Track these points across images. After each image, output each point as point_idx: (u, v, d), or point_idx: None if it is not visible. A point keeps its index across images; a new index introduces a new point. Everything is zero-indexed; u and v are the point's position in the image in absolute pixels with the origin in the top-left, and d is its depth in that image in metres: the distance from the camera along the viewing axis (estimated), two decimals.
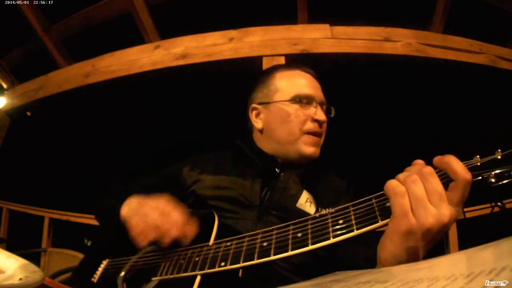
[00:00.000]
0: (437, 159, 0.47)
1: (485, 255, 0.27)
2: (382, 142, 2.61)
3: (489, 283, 0.20)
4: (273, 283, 0.64)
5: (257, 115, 0.90)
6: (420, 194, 0.42)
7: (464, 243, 1.97)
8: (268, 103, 0.87)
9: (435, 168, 0.46)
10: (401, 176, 0.46)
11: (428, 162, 0.49)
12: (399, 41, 1.97)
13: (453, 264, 0.28)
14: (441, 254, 0.37)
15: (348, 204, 0.51)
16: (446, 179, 0.45)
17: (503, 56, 2.00)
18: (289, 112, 0.83)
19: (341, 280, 0.37)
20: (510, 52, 2.04)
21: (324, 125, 0.85)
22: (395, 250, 0.44)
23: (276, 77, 0.89)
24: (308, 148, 0.82)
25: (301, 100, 0.84)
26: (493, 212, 0.47)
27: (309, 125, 0.82)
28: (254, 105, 0.91)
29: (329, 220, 0.50)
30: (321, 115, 0.83)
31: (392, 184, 0.45)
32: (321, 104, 0.86)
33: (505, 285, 0.19)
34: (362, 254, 0.59)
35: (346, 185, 0.87)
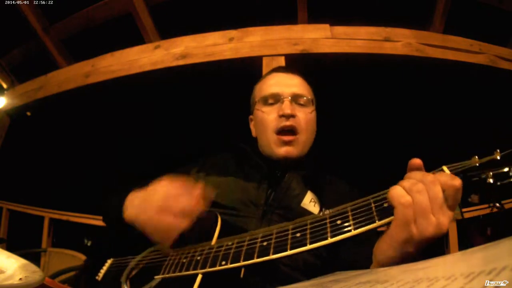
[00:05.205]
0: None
1: (485, 255, 0.27)
2: (382, 142, 2.61)
3: (489, 283, 0.20)
4: (275, 283, 0.64)
5: (252, 124, 0.95)
6: (425, 205, 0.42)
7: (464, 243, 1.97)
8: (252, 112, 0.93)
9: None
10: (406, 184, 0.45)
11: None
12: (399, 41, 1.97)
13: (452, 264, 0.28)
14: (441, 254, 0.37)
15: (346, 205, 0.52)
16: None
17: (503, 56, 2.00)
18: (261, 116, 0.85)
19: (341, 280, 0.37)
20: (510, 52, 2.03)
21: (297, 119, 0.81)
22: (392, 253, 0.45)
23: (256, 86, 0.94)
24: (279, 149, 0.81)
25: (267, 100, 0.85)
26: (492, 212, 0.47)
27: (277, 123, 0.81)
28: (250, 116, 0.96)
29: (328, 221, 0.51)
30: (285, 109, 0.79)
31: (398, 193, 0.44)
32: (293, 97, 0.82)
33: (505, 285, 0.19)
34: (364, 254, 0.59)
35: (350, 187, 0.87)
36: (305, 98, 0.85)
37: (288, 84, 0.86)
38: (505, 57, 2.00)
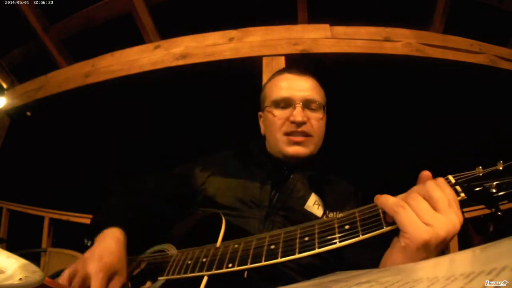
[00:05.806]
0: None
1: (485, 255, 0.27)
2: (382, 142, 2.61)
3: (489, 283, 0.20)
4: (278, 284, 0.64)
5: (261, 121, 0.95)
6: (423, 206, 0.43)
7: (464, 243, 1.97)
8: (262, 110, 0.93)
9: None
10: (399, 196, 0.47)
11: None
12: (399, 41, 1.97)
13: (453, 264, 0.28)
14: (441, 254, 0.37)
15: (354, 210, 0.52)
16: None
17: (503, 56, 2.00)
18: (271, 118, 0.86)
19: (341, 280, 0.37)
20: (510, 52, 2.03)
21: (308, 125, 0.82)
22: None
23: (267, 84, 0.94)
24: (289, 147, 0.82)
25: (279, 104, 0.85)
26: (492, 212, 0.48)
27: (287, 127, 0.82)
28: (260, 112, 0.96)
29: (336, 225, 0.51)
30: (297, 116, 0.80)
31: (390, 202, 0.45)
32: (304, 103, 0.83)
33: (505, 285, 0.19)
34: (366, 256, 0.59)
35: (354, 190, 0.87)
36: (316, 103, 0.85)
37: (300, 88, 0.85)
38: (505, 57, 2.00)
